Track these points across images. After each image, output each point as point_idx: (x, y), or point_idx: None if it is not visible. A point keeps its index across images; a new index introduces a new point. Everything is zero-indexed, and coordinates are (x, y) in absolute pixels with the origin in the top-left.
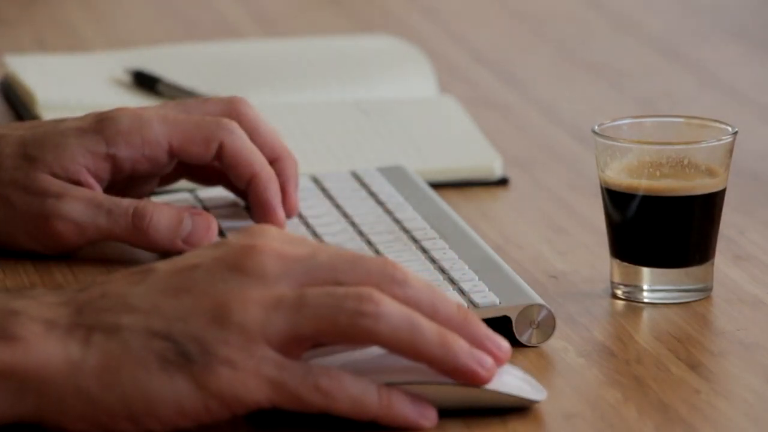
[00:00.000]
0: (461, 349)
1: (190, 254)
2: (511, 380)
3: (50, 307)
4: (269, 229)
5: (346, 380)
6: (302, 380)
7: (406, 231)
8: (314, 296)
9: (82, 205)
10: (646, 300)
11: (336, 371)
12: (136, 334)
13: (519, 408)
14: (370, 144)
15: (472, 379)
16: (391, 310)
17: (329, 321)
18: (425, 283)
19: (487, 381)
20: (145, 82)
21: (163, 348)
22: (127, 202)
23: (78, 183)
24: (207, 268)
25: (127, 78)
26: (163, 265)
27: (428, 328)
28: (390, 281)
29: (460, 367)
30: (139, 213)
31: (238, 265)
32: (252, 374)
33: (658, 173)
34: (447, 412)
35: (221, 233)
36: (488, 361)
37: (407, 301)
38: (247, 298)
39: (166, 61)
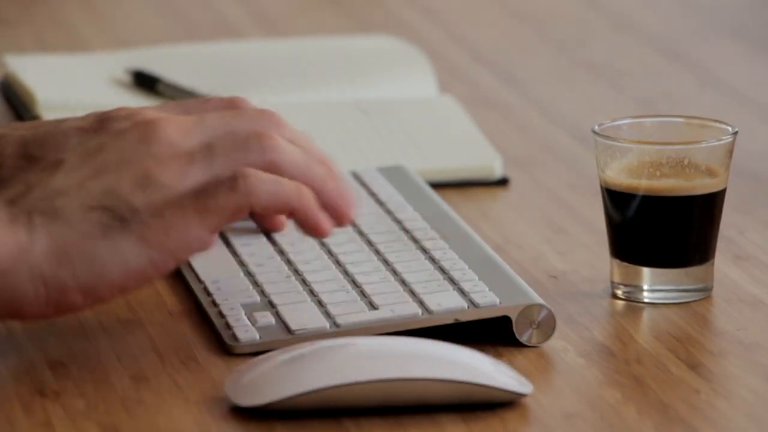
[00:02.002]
0: (340, 176)
1: (90, 141)
2: (498, 376)
3: None
4: (149, 107)
5: (262, 178)
6: (219, 194)
7: (406, 231)
8: (220, 145)
9: None
10: (646, 300)
11: (254, 172)
12: (74, 211)
13: (516, 406)
14: (370, 144)
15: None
16: (284, 142)
17: (240, 162)
18: (299, 131)
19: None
20: (145, 82)
21: (101, 217)
22: None
23: None
24: (116, 147)
25: (127, 78)
26: (70, 154)
27: (317, 155)
28: (275, 124)
29: (336, 195)
30: None
31: (144, 136)
32: (180, 217)
33: (658, 173)
34: (446, 411)
35: (221, 233)
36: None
37: (290, 139)
38: (161, 160)
39: (166, 61)
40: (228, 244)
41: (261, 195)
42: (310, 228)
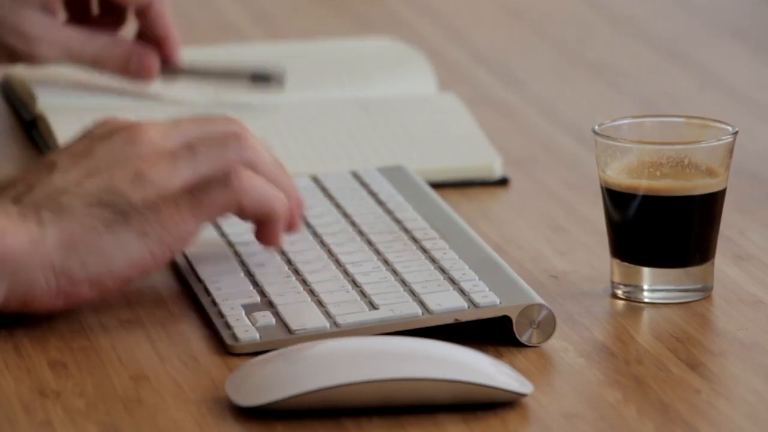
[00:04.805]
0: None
1: (77, 144)
2: (499, 376)
3: None
4: (121, 117)
5: (253, 179)
6: (212, 190)
7: (406, 231)
8: (201, 144)
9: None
10: (646, 300)
11: (245, 172)
12: (78, 207)
13: (516, 406)
14: (370, 143)
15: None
16: (256, 142)
17: (222, 159)
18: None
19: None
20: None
21: (103, 212)
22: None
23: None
24: (104, 149)
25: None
26: (61, 157)
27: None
28: (245, 129)
29: (297, 204)
30: None
31: (130, 138)
32: (176, 211)
33: (658, 173)
34: (446, 411)
35: (222, 233)
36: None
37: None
38: (149, 159)
39: None
40: (228, 244)
41: (251, 194)
42: (271, 237)
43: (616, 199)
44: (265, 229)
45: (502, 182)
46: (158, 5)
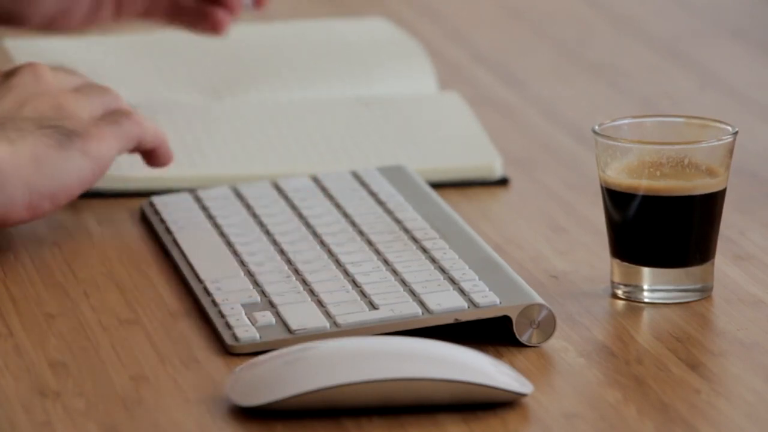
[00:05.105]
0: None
1: None
2: (499, 376)
3: None
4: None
5: (141, 114)
6: (122, 120)
7: (406, 231)
8: (86, 90)
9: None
10: (646, 300)
11: (137, 116)
12: (33, 129)
13: (516, 406)
14: (370, 142)
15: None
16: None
17: (108, 101)
18: None
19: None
20: None
21: (52, 133)
22: None
23: None
24: (19, 84)
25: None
26: None
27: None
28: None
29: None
30: None
31: (36, 76)
32: (102, 135)
33: (658, 173)
34: (446, 411)
35: (222, 233)
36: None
37: None
38: (61, 94)
39: (165, 47)
40: (228, 244)
41: (148, 124)
42: (166, 156)
43: (616, 199)
44: (157, 153)
45: (502, 182)
46: None
